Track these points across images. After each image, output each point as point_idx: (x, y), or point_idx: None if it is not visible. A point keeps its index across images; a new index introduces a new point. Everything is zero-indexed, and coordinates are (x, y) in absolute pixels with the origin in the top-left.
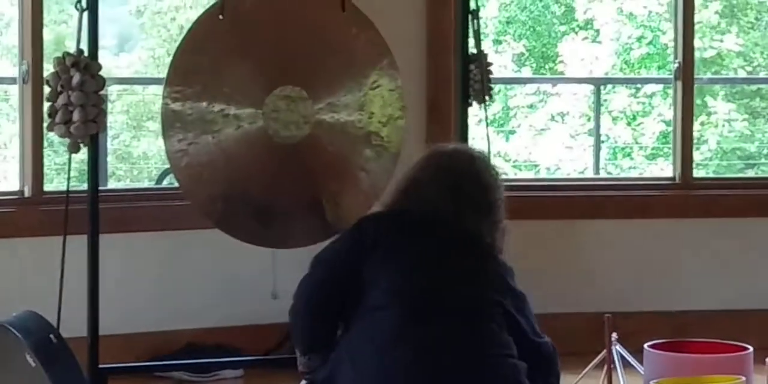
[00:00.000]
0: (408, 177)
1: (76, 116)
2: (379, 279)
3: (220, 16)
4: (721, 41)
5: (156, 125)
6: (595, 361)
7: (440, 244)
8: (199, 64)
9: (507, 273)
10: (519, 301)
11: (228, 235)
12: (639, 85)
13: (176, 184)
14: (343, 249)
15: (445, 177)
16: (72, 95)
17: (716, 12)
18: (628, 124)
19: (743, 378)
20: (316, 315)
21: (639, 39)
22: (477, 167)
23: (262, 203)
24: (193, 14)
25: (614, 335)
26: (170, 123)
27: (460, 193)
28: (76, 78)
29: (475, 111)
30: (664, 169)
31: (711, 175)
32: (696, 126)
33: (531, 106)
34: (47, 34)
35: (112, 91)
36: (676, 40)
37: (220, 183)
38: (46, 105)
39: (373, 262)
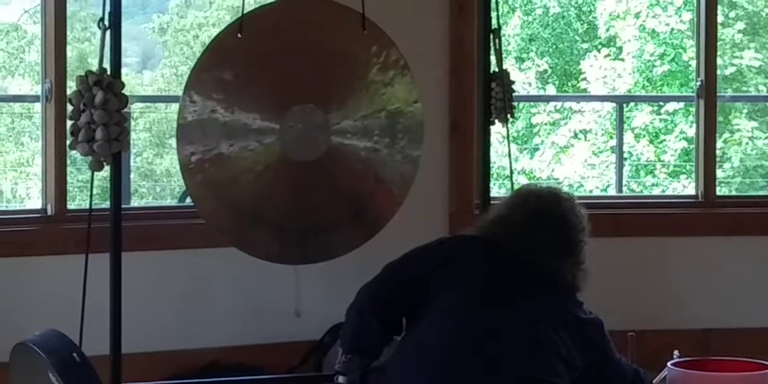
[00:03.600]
0: (495, 212)
1: (98, 135)
2: (442, 297)
3: (239, 35)
4: (741, 58)
5: None
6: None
7: (514, 276)
8: (216, 81)
9: (579, 312)
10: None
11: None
12: (661, 103)
13: None
14: (414, 259)
15: (530, 215)
16: (95, 114)
17: (739, 30)
18: (651, 141)
19: None
20: (374, 313)
21: (661, 56)
22: (563, 208)
23: (278, 220)
24: (216, 31)
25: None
26: (186, 139)
27: (544, 232)
28: (99, 96)
29: (497, 128)
30: (687, 186)
31: (734, 192)
32: (718, 143)
33: (554, 124)
34: (70, 52)
35: (135, 108)
36: (698, 57)
37: (236, 199)
38: (69, 123)
39: (441, 277)
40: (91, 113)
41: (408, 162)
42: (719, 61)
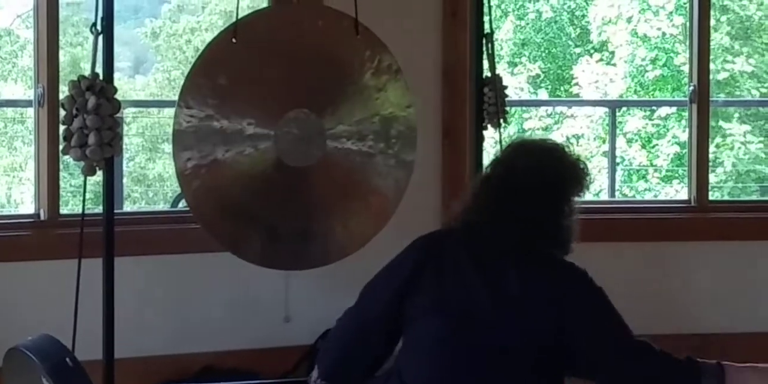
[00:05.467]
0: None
1: (91, 140)
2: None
3: (233, 40)
4: (734, 63)
5: (171, 147)
6: None
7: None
8: (211, 87)
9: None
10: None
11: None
12: (654, 108)
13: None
14: (387, 283)
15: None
16: (87, 119)
17: (731, 35)
18: (643, 146)
19: None
20: (354, 345)
21: (653, 61)
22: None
23: (272, 226)
24: (209, 36)
25: None
26: (181, 145)
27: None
28: (92, 101)
29: (490, 133)
30: (679, 191)
31: (726, 197)
32: (711, 148)
33: (546, 128)
34: (63, 57)
35: (127, 113)
36: (690, 62)
37: (231, 205)
38: (62, 128)
39: (418, 293)
40: (83, 118)
41: (402, 167)
42: (711, 66)
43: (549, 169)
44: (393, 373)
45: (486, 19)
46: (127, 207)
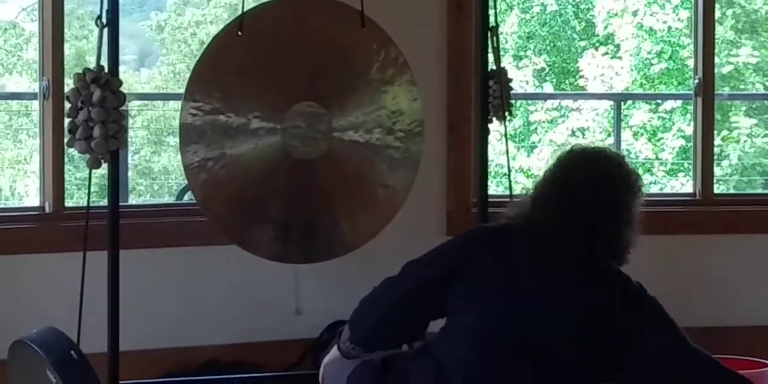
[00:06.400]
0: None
1: (96, 132)
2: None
3: (239, 33)
4: (738, 56)
5: (176, 140)
6: None
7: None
8: (217, 80)
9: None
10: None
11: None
12: (659, 101)
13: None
14: (437, 262)
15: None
16: (92, 111)
17: (732, 27)
18: (649, 139)
19: None
20: (385, 326)
21: (659, 54)
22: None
23: (280, 219)
24: (214, 29)
25: None
26: (188, 138)
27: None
28: (97, 94)
29: (495, 126)
30: (685, 184)
31: (732, 190)
32: (716, 141)
33: (552, 122)
34: (68, 50)
35: (132, 106)
36: (696, 56)
37: (238, 198)
38: (67, 121)
39: (463, 285)
40: (88, 111)
41: (408, 160)
42: (717, 59)
43: (610, 177)
44: (425, 352)
45: (491, 12)
46: (132, 200)
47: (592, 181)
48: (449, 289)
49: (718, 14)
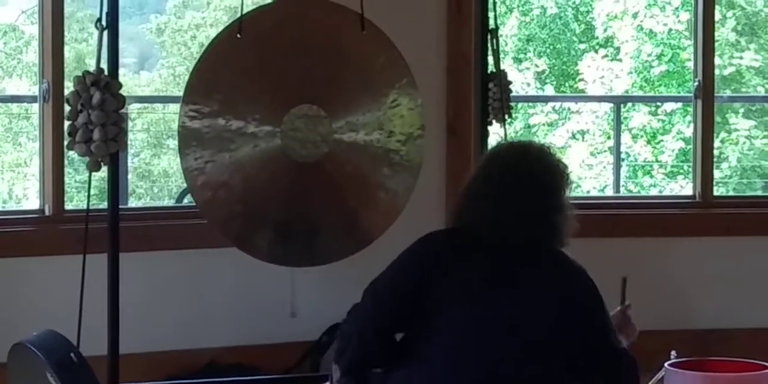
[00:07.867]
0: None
1: (96, 135)
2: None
3: (238, 35)
4: (741, 58)
5: (176, 143)
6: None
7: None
8: (216, 83)
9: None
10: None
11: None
12: (659, 103)
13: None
14: (400, 277)
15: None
16: (92, 114)
17: (734, 29)
18: (648, 142)
19: None
20: (372, 343)
21: (659, 56)
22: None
23: (279, 222)
24: (214, 32)
25: (673, 353)
26: (187, 141)
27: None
28: (96, 97)
29: (495, 129)
30: (684, 187)
31: (731, 192)
32: (716, 143)
33: (552, 124)
34: (68, 53)
35: (132, 109)
36: (695, 58)
37: (238, 201)
38: (67, 123)
39: (432, 287)
40: (88, 114)
41: (409, 164)
42: (717, 62)
43: (539, 165)
44: (414, 358)
45: (491, 15)
46: (132, 203)
47: (522, 172)
48: (418, 297)
49: (718, 16)
